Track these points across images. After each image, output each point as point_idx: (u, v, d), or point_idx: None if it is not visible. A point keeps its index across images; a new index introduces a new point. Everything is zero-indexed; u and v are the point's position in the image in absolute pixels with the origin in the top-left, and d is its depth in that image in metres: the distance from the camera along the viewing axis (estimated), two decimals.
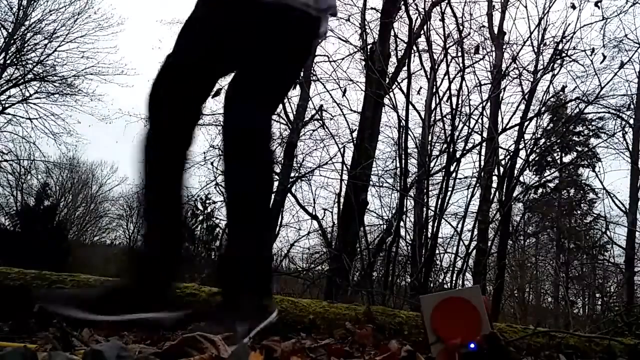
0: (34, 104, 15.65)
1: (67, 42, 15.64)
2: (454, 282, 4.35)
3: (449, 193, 4.42)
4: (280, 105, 10.27)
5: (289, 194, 9.28)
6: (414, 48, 6.06)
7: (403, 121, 4.86)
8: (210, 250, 14.49)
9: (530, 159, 6.13)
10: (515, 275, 12.75)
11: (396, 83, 6.49)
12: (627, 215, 9.10)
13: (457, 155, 4.63)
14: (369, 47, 6.75)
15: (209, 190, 11.06)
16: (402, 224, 4.85)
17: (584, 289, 13.07)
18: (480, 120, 5.27)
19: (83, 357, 0.76)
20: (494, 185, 5.63)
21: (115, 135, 30.59)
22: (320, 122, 8.04)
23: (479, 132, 5.47)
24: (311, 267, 9.14)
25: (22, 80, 15.58)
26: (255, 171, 1.44)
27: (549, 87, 5.41)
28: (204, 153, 9.98)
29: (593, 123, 10.42)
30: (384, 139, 8.72)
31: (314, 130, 10.02)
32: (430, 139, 5.22)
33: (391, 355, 1.10)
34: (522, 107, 5.90)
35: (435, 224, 4.39)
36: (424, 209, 4.58)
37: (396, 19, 6.84)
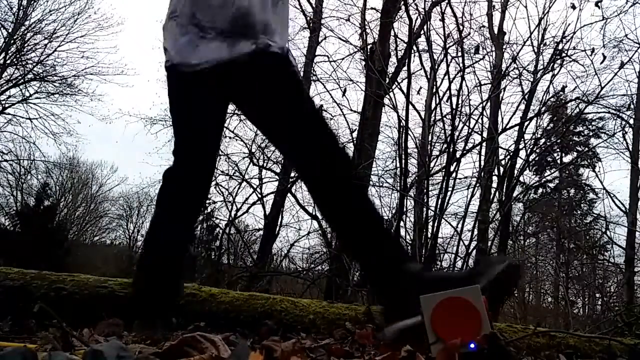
0: (34, 104, 15.67)
1: (67, 42, 15.66)
2: None
3: (449, 193, 4.42)
4: None
5: (289, 194, 9.28)
6: (414, 48, 6.05)
7: (403, 121, 4.86)
8: (210, 250, 14.48)
9: (530, 159, 6.13)
10: None
11: (396, 83, 6.49)
12: (627, 215, 9.09)
13: (457, 155, 4.62)
14: (369, 47, 6.75)
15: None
16: (402, 224, 4.85)
17: (584, 289, 13.06)
18: (480, 120, 5.26)
19: (83, 357, 0.76)
20: (494, 185, 5.63)
21: (116, 135, 30.63)
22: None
23: (479, 132, 5.47)
24: (311, 267, 9.14)
25: (22, 80, 15.59)
26: None
27: (549, 87, 5.41)
28: None
29: (593, 123, 10.43)
30: (384, 139, 8.74)
31: None
32: (430, 139, 5.21)
33: (391, 355, 1.10)
34: (522, 107, 5.90)
35: (435, 224, 4.39)
36: (424, 209, 4.58)
37: (396, 19, 6.85)
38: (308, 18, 9.35)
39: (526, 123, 5.50)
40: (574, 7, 4.86)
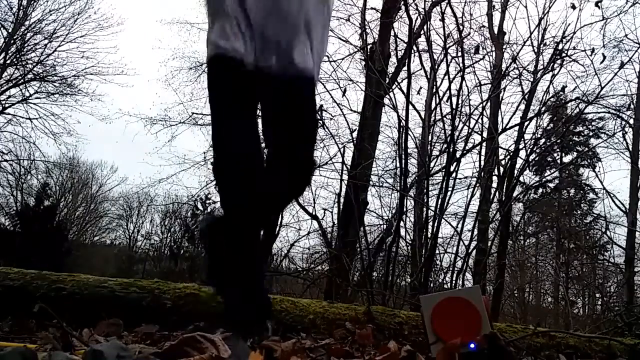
0: (34, 104, 15.66)
1: (67, 42, 15.65)
2: (454, 282, 4.35)
3: (449, 193, 4.42)
4: None
5: None
6: (414, 48, 6.05)
7: (403, 121, 4.86)
8: None
9: (530, 159, 6.12)
10: (515, 275, 12.74)
11: (396, 83, 6.48)
12: (627, 215, 9.10)
13: (457, 155, 4.63)
14: (369, 47, 6.75)
15: (209, 190, 11.07)
16: (402, 224, 4.85)
17: (584, 289, 13.06)
18: (480, 120, 5.27)
19: (83, 357, 0.76)
20: (494, 185, 5.63)
21: (116, 135, 30.60)
22: (320, 122, 8.03)
23: (479, 132, 5.47)
24: (311, 267, 9.13)
25: (22, 80, 15.59)
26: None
27: (549, 87, 5.42)
28: (204, 153, 9.99)
29: (593, 123, 10.42)
30: (384, 139, 8.70)
31: None
32: (430, 139, 5.21)
33: (391, 355, 1.11)
34: (522, 107, 5.90)
35: (435, 224, 4.39)
36: (424, 209, 4.58)
37: (396, 19, 6.84)
38: None
39: (526, 123, 5.51)
40: (574, 7, 4.87)
